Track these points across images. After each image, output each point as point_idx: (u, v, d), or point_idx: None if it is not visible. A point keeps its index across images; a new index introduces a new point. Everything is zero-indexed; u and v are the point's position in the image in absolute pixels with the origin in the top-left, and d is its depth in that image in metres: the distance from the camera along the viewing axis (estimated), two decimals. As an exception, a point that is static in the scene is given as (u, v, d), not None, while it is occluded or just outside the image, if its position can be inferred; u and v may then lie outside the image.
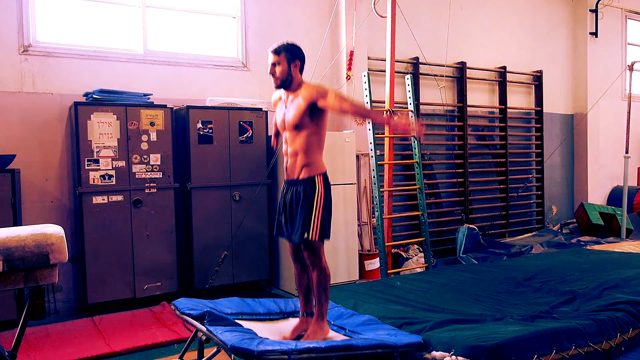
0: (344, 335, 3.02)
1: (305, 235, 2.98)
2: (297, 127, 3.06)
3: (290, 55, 3.10)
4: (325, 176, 3.12)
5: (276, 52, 3.11)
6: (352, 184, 5.57)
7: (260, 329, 3.00)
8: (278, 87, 3.15)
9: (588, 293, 3.79)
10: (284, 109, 3.15)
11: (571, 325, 3.02)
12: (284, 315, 3.38)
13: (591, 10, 8.65)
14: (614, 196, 8.84)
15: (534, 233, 7.89)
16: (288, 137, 3.14)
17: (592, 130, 8.72)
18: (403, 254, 6.32)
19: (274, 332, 3.05)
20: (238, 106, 5.30)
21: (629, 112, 7.50)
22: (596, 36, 8.70)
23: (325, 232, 3.05)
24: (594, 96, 8.53)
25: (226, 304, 3.24)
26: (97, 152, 4.59)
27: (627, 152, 7.44)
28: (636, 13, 9.58)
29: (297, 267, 3.25)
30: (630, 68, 7.48)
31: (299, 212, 3.02)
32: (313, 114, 3.05)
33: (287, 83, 3.11)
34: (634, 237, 7.61)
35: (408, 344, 2.73)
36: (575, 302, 3.65)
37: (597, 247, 6.10)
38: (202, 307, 2.89)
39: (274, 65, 3.11)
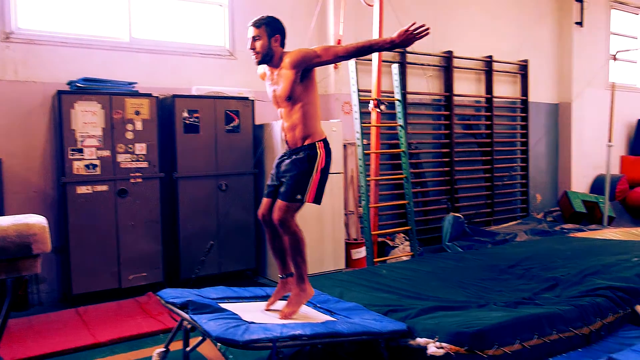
0: (331, 317, 3.04)
1: (299, 196, 2.95)
2: (290, 99, 3.02)
3: (271, 29, 3.07)
4: (326, 142, 3.10)
5: (256, 25, 3.07)
6: (338, 173, 5.58)
7: (245, 308, 3.00)
8: (259, 62, 3.10)
9: (570, 279, 3.85)
10: (273, 84, 3.12)
11: (552, 311, 3.07)
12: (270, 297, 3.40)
13: (577, 0, 8.69)
14: (597, 184, 8.95)
15: (519, 221, 7.98)
16: (283, 112, 3.11)
17: (576, 120, 8.81)
18: (389, 242, 6.35)
19: (258, 310, 3.05)
20: (225, 95, 5.27)
21: (612, 102, 7.58)
22: (581, 26, 8.76)
23: (319, 197, 3.04)
24: (578, 86, 8.61)
25: (212, 291, 3.24)
26: (81, 141, 4.54)
27: (610, 141, 7.52)
28: (620, 3, 9.65)
29: (267, 232, 3.20)
30: (614, 57, 7.55)
31: (296, 173, 2.99)
32: (303, 80, 3.01)
33: (268, 58, 3.08)
34: (615, 224, 7.73)
35: (393, 330, 2.76)
36: (557, 289, 3.70)
37: (579, 234, 6.19)
38: (186, 296, 2.89)
39: (254, 39, 3.06)
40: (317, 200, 3.03)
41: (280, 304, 3.11)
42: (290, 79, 2.98)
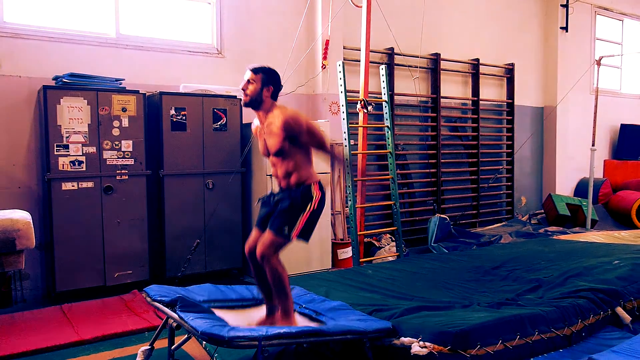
0: (315, 317, 3.05)
1: (286, 229, 2.95)
2: (280, 153, 3.05)
3: (267, 79, 3.07)
4: (320, 184, 3.10)
5: (254, 70, 3.09)
6: (326, 173, 5.60)
7: (232, 318, 3.00)
8: (246, 104, 3.12)
9: (552, 281, 3.90)
10: (263, 135, 3.13)
11: (535, 312, 3.11)
12: (257, 301, 3.39)
13: (562, 5, 8.81)
14: (581, 188, 9.08)
15: (504, 223, 8.06)
16: (275, 161, 3.12)
17: (561, 123, 8.93)
18: (375, 243, 6.39)
19: (245, 320, 3.06)
20: (212, 93, 5.25)
21: (595, 106, 7.69)
22: (566, 31, 8.87)
23: (306, 234, 3.03)
24: (563, 90, 8.72)
25: (198, 291, 3.24)
26: (67, 137, 4.51)
27: (593, 145, 7.63)
28: (605, 9, 9.79)
29: (252, 266, 3.18)
30: (598, 63, 7.66)
31: (287, 206, 2.99)
32: (292, 141, 3.04)
33: (256, 103, 3.09)
34: (598, 227, 7.84)
35: (377, 330, 2.78)
36: (540, 290, 3.75)
37: (563, 237, 6.27)
38: (173, 294, 2.88)
39: (248, 82, 3.09)
40: (304, 236, 3.02)
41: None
42: (279, 137, 3.00)
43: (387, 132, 5.67)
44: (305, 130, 3.02)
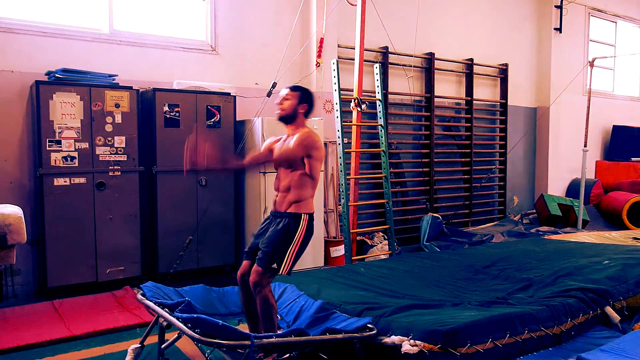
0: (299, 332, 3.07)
1: (275, 265, 2.97)
2: (290, 166, 3.12)
3: (303, 97, 3.22)
4: (311, 217, 3.13)
5: (292, 88, 3.25)
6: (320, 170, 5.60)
7: None
8: (280, 118, 3.21)
9: (543, 280, 3.93)
10: (283, 146, 3.18)
11: (525, 311, 3.13)
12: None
13: (556, 7, 8.85)
14: (573, 188, 9.14)
15: (496, 222, 8.10)
16: (281, 173, 3.18)
17: (554, 124, 8.98)
18: (368, 241, 6.41)
19: None
20: (206, 90, 5.25)
21: (588, 107, 7.74)
22: (560, 32, 8.92)
23: (292, 267, 3.06)
24: (556, 90, 8.76)
25: (191, 292, 3.24)
26: (59, 132, 4.49)
27: (585, 145, 7.68)
28: (599, 10, 9.85)
29: (242, 293, 3.19)
30: (591, 64, 7.70)
31: (275, 240, 3.02)
32: (307, 160, 3.12)
33: (289, 119, 3.20)
34: (589, 227, 7.89)
35: (360, 327, 2.80)
36: (531, 289, 3.78)
37: (554, 237, 6.31)
38: (163, 296, 2.89)
39: (284, 98, 3.20)
40: (289, 271, 3.05)
41: None
42: (299, 149, 3.07)
43: (381, 130, 5.68)
44: (314, 156, 3.10)
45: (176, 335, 2.77)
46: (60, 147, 4.50)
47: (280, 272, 2.98)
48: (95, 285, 4.70)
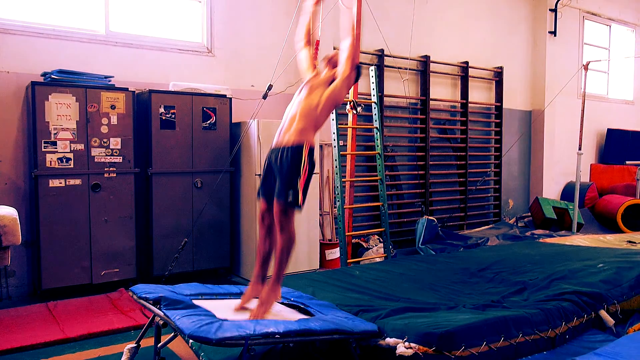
0: (303, 308, 3.07)
1: (291, 197, 3.02)
2: (315, 88, 3.29)
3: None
4: (312, 149, 3.18)
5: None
6: (315, 173, 5.60)
7: (219, 305, 3.00)
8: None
9: (537, 283, 3.94)
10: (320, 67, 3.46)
11: (519, 314, 3.14)
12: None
13: (551, 10, 8.90)
14: (567, 191, 9.17)
15: (491, 226, 8.12)
16: (302, 91, 3.31)
17: (549, 127, 9.01)
18: (363, 244, 6.41)
19: (232, 308, 3.05)
20: (202, 92, 5.25)
21: (583, 110, 7.77)
22: (555, 35, 8.96)
23: (304, 199, 3.12)
24: (551, 93, 8.80)
25: (185, 288, 3.24)
26: (55, 134, 4.48)
27: (580, 149, 7.71)
28: (593, 14, 9.91)
29: (262, 231, 3.28)
30: (586, 67, 7.74)
31: (285, 174, 3.07)
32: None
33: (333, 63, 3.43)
34: (584, 231, 7.93)
35: (364, 331, 2.80)
36: (525, 292, 3.79)
37: (549, 240, 6.33)
38: (159, 291, 2.88)
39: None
40: (303, 202, 3.10)
41: (252, 303, 3.13)
42: (329, 76, 3.37)
43: (376, 133, 5.69)
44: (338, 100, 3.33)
45: (172, 334, 2.77)
46: (56, 148, 4.49)
47: (297, 202, 3.05)
48: (90, 287, 4.69)
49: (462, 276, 4.31)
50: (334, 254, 5.82)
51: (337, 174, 5.23)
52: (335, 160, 5.27)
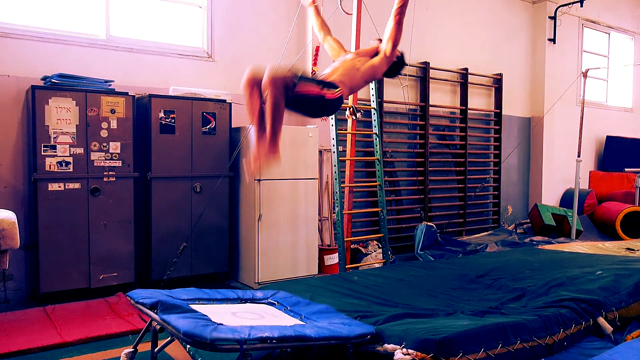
0: (300, 320, 3.06)
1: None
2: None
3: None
4: (341, 97, 3.28)
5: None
6: (314, 179, 5.62)
7: (215, 310, 3.00)
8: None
9: (536, 290, 3.94)
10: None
11: (517, 321, 3.13)
12: (242, 300, 3.40)
13: (550, 17, 8.93)
14: (566, 198, 9.17)
15: (490, 232, 8.12)
16: (347, 55, 3.67)
17: (548, 134, 9.03)
18: (362, 249, 6.41)
19: (229, 313, 3.05)
20: (202, 97, 5.26)
21: (582, 117, 7.79)
22: (554, 42, 8.99)
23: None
24: (550, 100, 8.82)
25: (183, 293, 3.23)
26: (55, 138, 4.48)
27: (579, 155, 7.73)
28: (592, 22, 9.94)
29: (253, 96, 3.18)
30: (585, 75, 7.77)
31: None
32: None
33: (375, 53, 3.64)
34: (583, 237, 7.92)
35: (360, 335, 2.79)
36: (524, 299, 3.78)
37: (548, 246, 6.32)
38: (157, 296, 2.88)
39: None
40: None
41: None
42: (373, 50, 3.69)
43: (376, 139, 5.70)
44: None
45: (168, 339, 2.77)
46: (55, 152, 4.49)
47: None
48: (88, 291, 4.68)
49: (461, 282, 4.31)
50: (333, 259, 5.82)
51: (336, 179, 5.23)
52: (335, 165, 5.27)
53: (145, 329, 3.01)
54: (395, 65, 3.78)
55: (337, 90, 3.18)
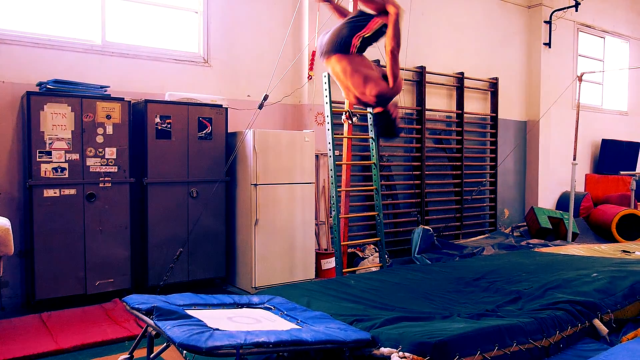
0: (296, 324, 3.06)
1: None
2: None
3: None
4: None
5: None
6: (310, 183, 5.62)
7: (212, 315, 2.99)
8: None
9: (532, 293, 3.95)
10: None
11: (513, 323, 3.14)
12: (238, 305, 3.39)
13: (545, 22, 8.98)
14: (562, 201, 9.20)
15: (487, 235, 8.13)
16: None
17: (544, 137, 9.06)
18: (359, 253, 6.41)
19: (225, 317, 3.04)
20: (198, 102, 5.26)
21: (577, 121, 7.83)
22: (549, 47, 9.04)
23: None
24: (545, 104, 8.86)
25: (179, 298, 3.23)
26: (50, 143, 4.48)
27: (574, 159, 7.75)
28: (587, 26, 10.00)
29: None
30: (580, 79, 7.80)
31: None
32: None
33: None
34: (579, 240, 7.94)
35: (357, 340, 2.79)
36: (520, 302, 3.79)
37: (544, 249, 6.34)
38: (152, 302, 2.87)
39: None
40: None
41: None
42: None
43: (372, 143, 5.71)
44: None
45: (164, 345, 2.76)
46: (51, 158, 4.49)
47: None
48: (84, 297, 4.67)
49: (457, 285, 4.31)
50: (330, 263, 5.82)
51: (332, 183, 5.24)
52: (331, 170, 5.28)
53: (141, 335, 3.01)
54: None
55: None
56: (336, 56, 3.60)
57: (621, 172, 9.72)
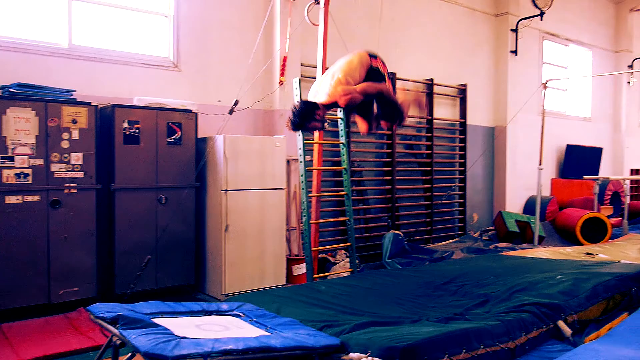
0: (265, 331, 3.04)
1: None
2: None
3: None
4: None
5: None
6: (281, 188, 5.61)
7: (179, 322, 2.95)
8: None
9: (499, 296, 4.01)
10: None
11: (480, 326, 3.18)
12: (206, 313, 3.35)
13: (512, 30, 9.19)
14: (529, 205, 9.40)
15: (456, 239, 8.24)
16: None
17: (511, 143, 9.25)
18: (331, 258, 6.42)
19: (192, 325, 3.00)
20: (167, 107, 5.20)
21: (542, 127, 8.01)
22: (516, 54, 9.25)
23: None
24: (512, 110, 9.06)
25: (146, 306, 3.17)
26: (13, 149, 4.36)
27: (540, 164, 7.93)
28: (552, 35, 10.27)
29: None
30: (545, 85, 8.00)
31: None
32: None
33: None
34: (545, 243, 8.11)
35: (326, 346, 2.79)
36: (487, 305, 3.85)
37: (511, 253, 6.46)
38: (118, 310, 2.81)
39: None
40: None
41: None
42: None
43: (343, 148, 5.73)
44: None
45: (129, 354, 2.71)
46: (13, 163, 4.37)
47: None
48: (48, 307, 4.55)
49: (427, 289, 4.35)
50: (301, 269, 5.81)
51: (303, 189, 5.23)
52: (302, 175, 5.28)
53: (106, 344, 2.94)
54: None
55: None
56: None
57: (584, 176, 9.98)
